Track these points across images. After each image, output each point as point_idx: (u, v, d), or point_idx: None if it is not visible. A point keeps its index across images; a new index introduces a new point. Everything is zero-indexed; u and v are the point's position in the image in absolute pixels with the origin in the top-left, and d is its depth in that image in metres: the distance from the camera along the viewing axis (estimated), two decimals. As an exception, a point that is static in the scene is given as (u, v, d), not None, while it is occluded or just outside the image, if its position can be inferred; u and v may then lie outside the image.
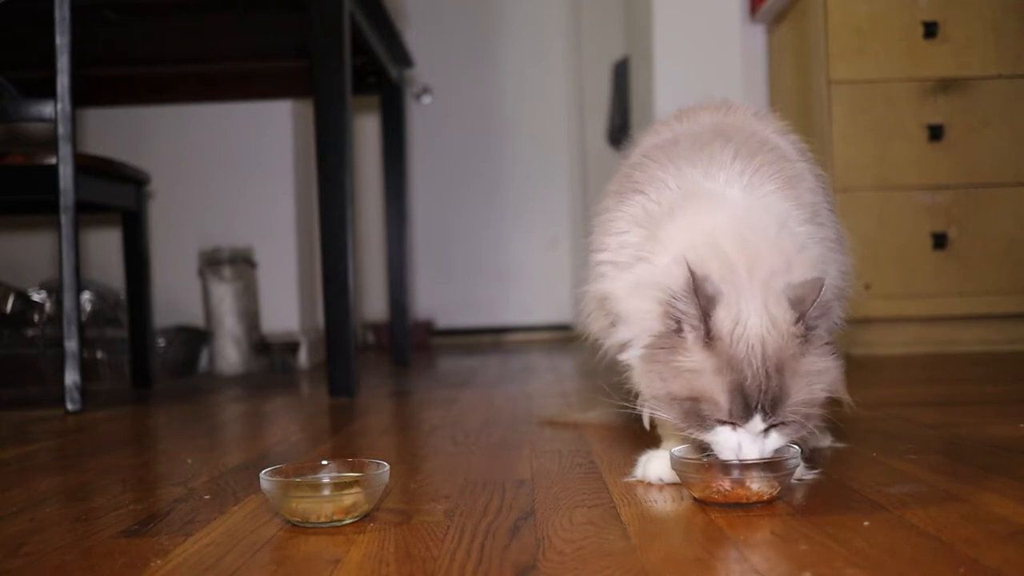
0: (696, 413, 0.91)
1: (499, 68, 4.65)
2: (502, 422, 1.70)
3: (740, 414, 0.89)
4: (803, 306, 0.90)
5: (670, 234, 0.97)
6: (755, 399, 0.88)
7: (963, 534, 0.82)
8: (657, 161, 1.06)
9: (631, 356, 1.00)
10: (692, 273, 0.89)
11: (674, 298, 0.91)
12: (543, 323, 4.62)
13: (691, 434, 0.94)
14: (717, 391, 0.89)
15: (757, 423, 0.90)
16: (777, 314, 0.90)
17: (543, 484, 1.12)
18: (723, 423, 0.91)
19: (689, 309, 0.90)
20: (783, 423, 0.91)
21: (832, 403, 1.00)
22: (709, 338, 0.90)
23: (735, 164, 1.02)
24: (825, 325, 0.94)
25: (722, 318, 0.89)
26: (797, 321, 0.90)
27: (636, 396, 1.01)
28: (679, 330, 0.92)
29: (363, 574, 0.78)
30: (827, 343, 0.93)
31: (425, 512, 1.00)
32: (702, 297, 0.89)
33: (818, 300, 0.89)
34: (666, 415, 0.94)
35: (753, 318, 0.89)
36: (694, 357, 0.90)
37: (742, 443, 0.91)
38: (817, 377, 0.91)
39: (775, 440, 0.92)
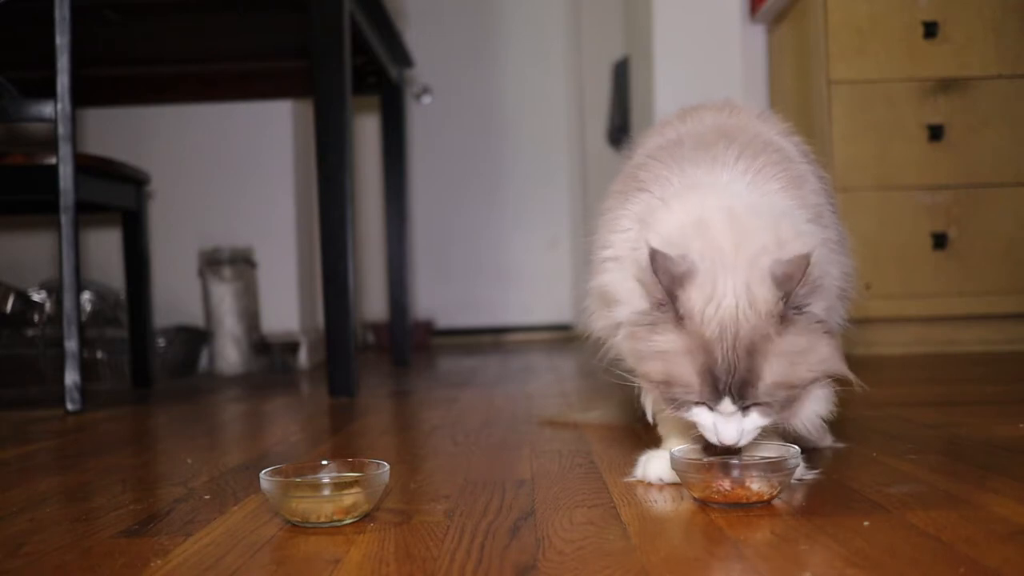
0: (671, 396, 0.91)
1: (499, 68, 4.65)
2: (502, 422, 1.70)
3: (710, 396, 0.89)
4: (790, 284, 0.87)
5: (661, 218, 0.97)
6: (724, 382, 0.87)
7: (963, 534, 0.82)
8: (662, 161, 1.06)
9: (620, 335, 1.00)
10: (652, 250, 0.88)
11: (643, 275, 0.90)
12: (543, 323, 4.62)
13: (673, 413, 0.93)
14: (688, 373, 0.89)
15: (727, 405, 0.89)
16: (758, 293, 0.88)
17: (543, 484, 1.12)
18: (698, 404, 0.91)
19: (655, 288, 0.89)
20: (759, 404, 0.89)
21: (842, 383, 0.99)
22: (678, 316, 0.89)
23: (738, 164, 1.01)
24: (820, 304, 0.91)
25: (694, 297, 0.88)
26: (782, 300, 0.87)
27: (638, 394, 1.01)
28: (661, 306, 0.91)
29: (363, 574, 0.78)
30: (820, 321, 0.91)
31: (425, 512, 1.00)
32: (664, 275, 0.88)
33: (805, 277, 0.87)
34: (651, 391, 0.94)
35: (729, 297, 0.88)
36: (667, 337, 0.90)
37: (717, 425, 0.90)
38: (800, 357, 0.89)
39: (755, 419, 0.90)
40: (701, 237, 0.91)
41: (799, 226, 0.96)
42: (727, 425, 0.90)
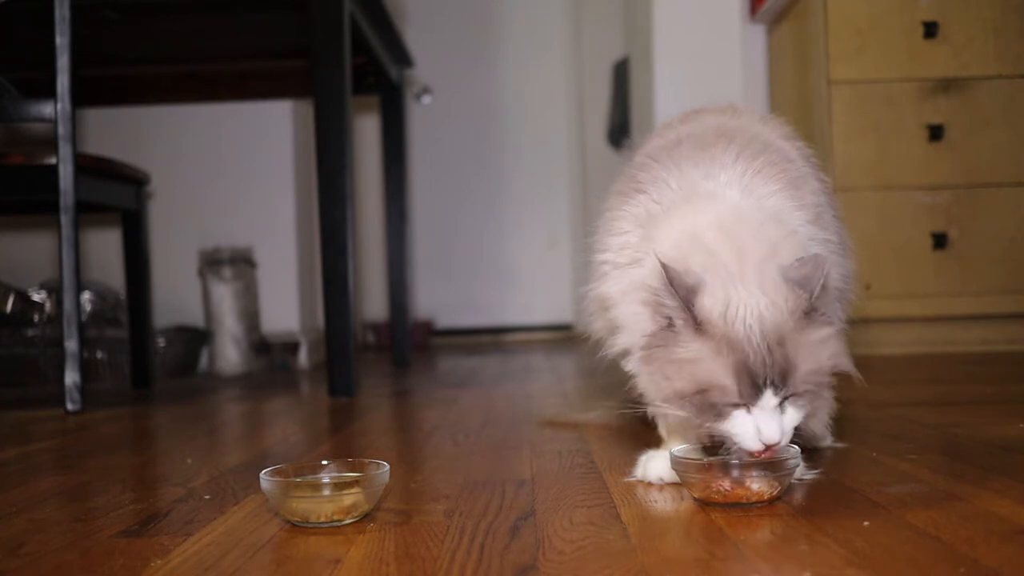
0: (708, 404, 0.89)
1: (499, 68, 4.65)
2: (502, 422, 1.70)
3: (750, 393, 0.87)
4: (811, 284, 0.89)
5: (662, 233, 0.98)
6: (761, 375, 0.87)
7: (963, 534, 0.82)
8: (660, 162, 1.06)
9: (632, 362, 1.00)
10: (664, 265, 0.89)
11: (657, 294, 0.91)
12: (543, 323, 4.62)
13: (709, 428, 0.91)
14: (721, 374, 0.88)
15: (769, 398, 0.88)
16: (775, 295, 0.89)
17: (543, 484, 1.12)
18: (736, 406, 0.89)
19: (671, 301, 0.90)
20: (796, 395, 0.89)
21: (842, 379, 0.99)
22: (697, 324, 0.89)
23: (737, 165, 1.02)
24: (824, 302, 0.92)
25: (708, 304, 0.89)
26: (806, 299, 0.89)
27: (640, 397, 1.01)
28: (671, 325, 0.91)
29: (363, 574, 0.78)
30: (824, 315, 0.92)
31: (425, 512, 1.00)
32: (679, 287, 0.89)
33: (823, 276, 0.89)
34: (679, 413, 0.92)
35: (748, 299, 0.88)
36: (690, 346, 0.89)
37: (760, 424, 0.88)
38: (821, 346, 0.90)
39: (792, 415, 0.90)
40: (699, 252, 0.92)
41: (785, 224, 0.97)
42: (770, 423, 0.88)
